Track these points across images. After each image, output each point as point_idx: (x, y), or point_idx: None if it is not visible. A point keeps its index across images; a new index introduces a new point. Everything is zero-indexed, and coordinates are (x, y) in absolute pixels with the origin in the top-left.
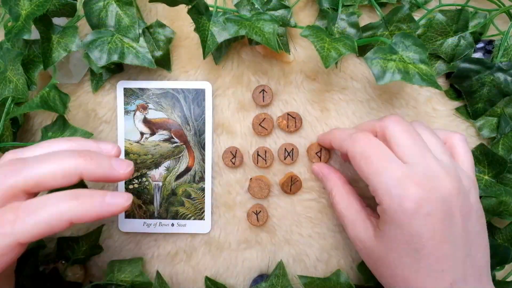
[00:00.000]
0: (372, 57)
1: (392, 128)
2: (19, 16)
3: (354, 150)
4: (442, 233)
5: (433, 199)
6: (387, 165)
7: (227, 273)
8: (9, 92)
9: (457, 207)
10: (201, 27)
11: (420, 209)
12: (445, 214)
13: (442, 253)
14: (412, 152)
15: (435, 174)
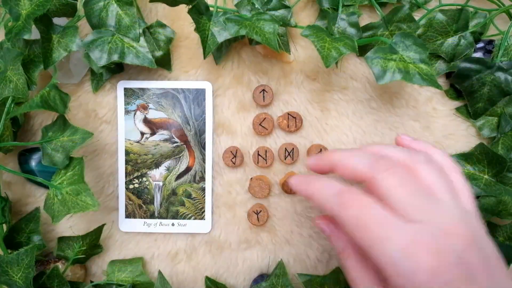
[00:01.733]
0: (372, 56)
1: (385, 184)
2: (20, 16)
3: (345, 216)
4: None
5: (448, 262)
6: (389, 234)
7: (227, 273)
8: (9, 92)
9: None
10: (202, 27)
11: (437, 279)
12: (465, 275)
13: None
14: (413, 209)
15: (445, 228)
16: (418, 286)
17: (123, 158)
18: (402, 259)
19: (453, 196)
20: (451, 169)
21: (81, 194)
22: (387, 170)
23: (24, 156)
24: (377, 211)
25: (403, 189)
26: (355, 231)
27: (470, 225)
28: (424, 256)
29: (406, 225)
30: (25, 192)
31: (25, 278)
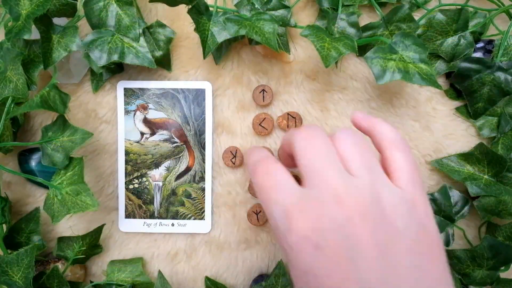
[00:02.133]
0: (372, 56)
1: (297, 145)
2: (20, 16)
3: (255, 180)
4: (342, 268)
5: (322, 227)
6: (277, 196)
7: (227, 273)
8: (9, 92)
9: (365, 235)
10: (201, 27)
11: (307, 242)
12: (342, 245)
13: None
14: (312, 173)
15: (333, 197)
16: (291, 246)
17: (123, 158)
18: (281, 219)
19: (369, 172)
20: (393, 146)
21: (81, 194)
22: (304, 134)
23: (24, 156)
24: (275, 177)
25: (310, 153)
26: (258, 193)
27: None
28: (299, 218)
29: (298, 189)
30: (25, 192)
31: (25, 278)
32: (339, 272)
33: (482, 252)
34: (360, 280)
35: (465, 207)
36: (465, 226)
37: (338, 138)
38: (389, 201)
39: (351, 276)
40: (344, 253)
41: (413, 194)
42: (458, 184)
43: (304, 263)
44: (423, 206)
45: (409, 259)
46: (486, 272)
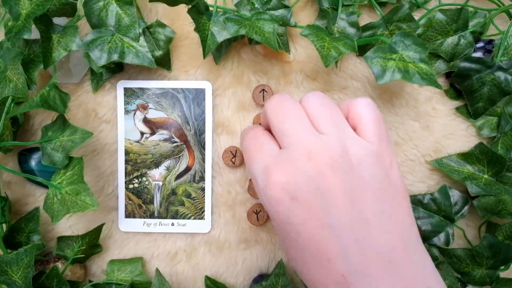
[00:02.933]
0: (372, 56)
1: (269, 111)
2: (20, 16)
3: (243, 146)
4: (316, 216)
5: (297, 180)
6: (259, 155)
7: (227, 273)
8: (9, 92)
9: (334, 185)
10: (201, 27)
11: (284, 194)
12: (314, 195)
13: (322, 240)
14: (285, 134)
15: (304, 154)
16: (269, 199)
17: (123, 158)
18: (261, 175)
19: (336, 128)
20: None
21: (81, 194)
22: (273, 102)
23: (24, 156)
24: (259, 140)
25: (280, 117)
26: (244, 156)
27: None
28: (276, 173)
29: (277, 150)
30: (25, 192)
31: (25, 277)
32: (313, 219)
33: (481, 251)
34: (331, 225)
35: (465, 206)
36: (465, 226)
37: (306, 100)
38: (356, 154)
39: (323, 222)
40: (316, 202)
41: (378, 146)
42: (458, 183)
43: (282, 214)
44: (388, 157)
45: (375, 205)
46: (485, 271)
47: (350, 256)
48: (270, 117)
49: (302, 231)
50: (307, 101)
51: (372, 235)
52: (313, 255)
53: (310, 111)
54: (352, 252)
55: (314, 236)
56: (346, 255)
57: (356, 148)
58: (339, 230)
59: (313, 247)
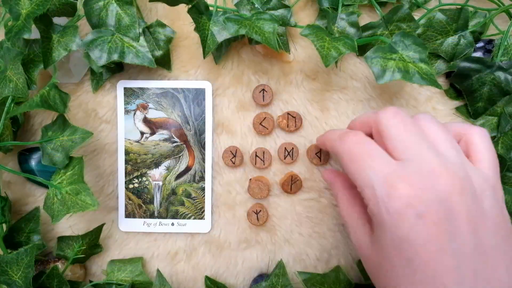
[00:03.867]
0: (372, 56)
1: (385, 122)
2: (20, 16)
3: (342, 150)
4: (441, 239)
5: (426, 198)
6: (373, 162)
7: (227, 273)
8: (9, 92)
9: (461, 210)
10: (201, 27)
11: (410, 210)
12: (443, 216)
13: (442, 265)
14: (405, 147)
15: (431, 171)
16: (390, 212)
17: (123, 157)
18: (380, 185)
19: (457, 153)
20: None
21: (81, 194)
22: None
23: (24, 156)
24: (368, 146)
25: (400, 129)
26: (347, 161)
27: (466, 178)
28: (401, 185)
29: (392, 160)
30: (25, 191)
31: (25, 277)
32: (436, 242)
33: None
34: (454, 252)
35: None
36: None
37: (423, 120)
38: (477, 182)
39: (446, 248)
40: (443, 224)
41: (494, 178)
42: None
43: (402, 230)
44: (500, 191)
45: (493, 238)
46: None
47: (465, 285)
48: (388, 127)
49: (421, 252)
50: (424, 121)
51: (488, 268)
52: (427, 278)
53: (428, 131)
54: (467, 282)
55: (434, 260)
56: (461, 285)
57: (477, 177)
58: (460, 258)
59: (429, 270)
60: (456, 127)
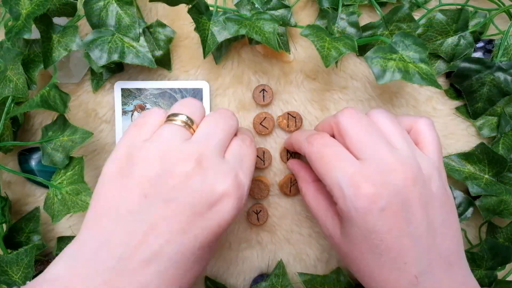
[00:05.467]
0: (372, 56)
1: (344, 123)
2: (20, 16)
3: (310, 151)
4: (400, 226)
5: (386, 193)
6: (339, 164)
7: (227, 273)
8: (9, 92)
9: (415, 197)
10: (202, 27)
11: (373, 206)
12: (400, 207)
13: (402, 246)
14: (364, 147)
15: (388, 167)
16: (359, 210)
17: None
18: (346, 185)
19: (408, 144)
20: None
21: (81, 194)
22: (348, 115)
23: (24, 156)
24: (334, 148)
25: (358, 129)
26: (315, 162)
27: (417, 167)
28: (364, 185)
29: (354, 160)
30: (25, 191)
31: (25, 277)
32: (397, 228)
33: (482, 254)
34: (411, 234)
35: (468, 209)
36: (465, 226)
37: (376, 116)
38: (426, 169)
39: (405, 231)
40: (401, 213)
41: (438, 161)
42: (458, 183)
43: (369, 223)
44: (443, 171)
45: (440, 216)
46: (484, 272)
47: (422, 259)
48: (347, 128)
49: (386, 238)
50: (377, 117)
51: (438, 241)
52: (391, 259)
53: (382, 127)
54: (423, 256)
55: (396, 243)
56: (419, 259)
57: (425, 164)
58: (416, 238)
59: (392, 252)
60: (407, 118)
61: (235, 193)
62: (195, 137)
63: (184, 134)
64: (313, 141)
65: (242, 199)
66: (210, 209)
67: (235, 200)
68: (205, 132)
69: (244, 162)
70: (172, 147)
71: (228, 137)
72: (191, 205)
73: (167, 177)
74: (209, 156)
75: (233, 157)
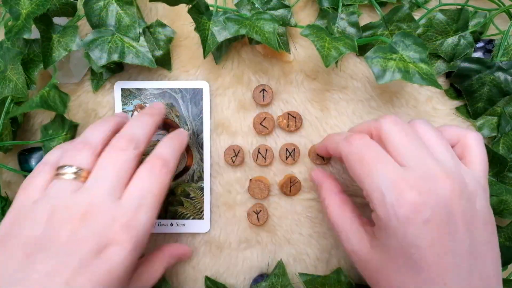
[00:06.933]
0: (372, 56)
1: (387, 129)
2: (20, 15)
3: (348, 151)
4: (443, 241)
5: (431, 203)
6: (382, 167)
7: (227, 273)
8: (8, 92)
9: (459, 212)
10: (202, 27)
11: (417, 216)
12: (445, 220)
13: (444, 265)
14: (408, 154)
15: (433, 176)
16: (399, 217)
17: None
18: (389, 190)
19: (452, 156)
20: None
21: None
22: (392, 121)
23: (24, 156)
24: (376, 149)
25: (402, 136)
26: (354, 163)
27: (462, 181)
28: (408, 192)
29: (397, 166)
30: None
31: None
32: (440, 244)
33: None
34: (454, 251)
35: None
36: None
37: (419, 126)
38: (471, 184)
39: (447, 248)
40: (445, 227)
41: (484, 179)
42: None
43: (411, 235)
44: (488, 191)
45: (484, 236)
46: None
47: (463, 282)
48: (390, 133)
49: (427, 254)
50: (420, 128)
51: (479, 263)
52: (431, 278)
53: (425, 137)
54: (464, 278)
55: (437, 261)
56: (460, 281)
57: (470, 179)
58: (459, 257)
59: (432, 270)
60: (454, 130)
61: (124, 238)
62: (85, 185)
63: (73, 186)
64: (353, 141)
65: (136, 242)
66: (96, 257)
67: (125, 244)
68: (97, 176)
69: (146, 198)
70: (59, 204)
71: (126, 172)
72: (77, 257)
73: (53, 234)
74: (98, 204)
75: (131, 197)
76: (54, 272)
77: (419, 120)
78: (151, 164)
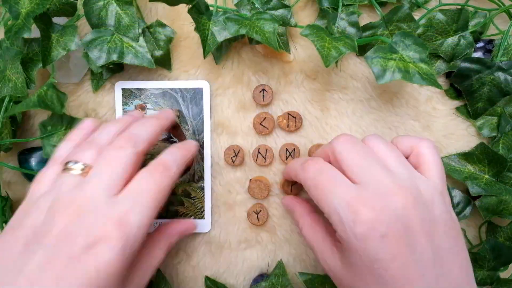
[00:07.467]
0: (372, 56)
1: (339, 149)
2: (19, 15)
3: (305, 177)
4: (404, 253)
5: (385, 219)
6: (336, 190)
7: (227, 273)
8: (8, 91)
9: (416, 222)
10: (202, 27)
11: (373, 232)
12: (402, 232)
13: (408, 276)
14: (361, 171)
15: (386, 191)
16: (357, 236)
17: None
18: (344, 211)
19: (405, 167)
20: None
21: None
22: (343, 140)
23: (24, 156)
24: (330, 173)
25: (354, 154)
26: (312, 189)
27: (416, 190)
28: (363, 210)
29: (352, 184)
30: (25, 191)
31: None
32: (401, 257)
33: (484, 255)
34: (416, 261)
35: (467, 207)
36: (465, 226)
37: (371, 141)
38: (427, 192)
39: (410, 259)
40: (404, 239)
41: (441, 184)
42: (458, 183)
43: (371, 250)
44: (447, 195)
45: (447, 242)
46: (486, 272)
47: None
48: (342, 153)
49: (390, 267)
50: (372, 142)
51: (446, 270)
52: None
53: (378, 151)
54: (432, 286)
55: (402, 272)
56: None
57: (425, 187)
58: (423, 267)
59: (398, 282)
60: (407, 140)
61: (115, 235)
62: (85, 180)
63: (77, 180)
64: (308, 167)
65: (127, 241)
66: (86, 252)
67: (115, 242)
68: (95, 172)
69: (142, 198)
70: (60, 196)
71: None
72: (67, 251)
73: (50, 225)
74: (93, 199)
75: (127, 195)
76: (46, 264)
77: (370, 135)
78: (152, 167)
